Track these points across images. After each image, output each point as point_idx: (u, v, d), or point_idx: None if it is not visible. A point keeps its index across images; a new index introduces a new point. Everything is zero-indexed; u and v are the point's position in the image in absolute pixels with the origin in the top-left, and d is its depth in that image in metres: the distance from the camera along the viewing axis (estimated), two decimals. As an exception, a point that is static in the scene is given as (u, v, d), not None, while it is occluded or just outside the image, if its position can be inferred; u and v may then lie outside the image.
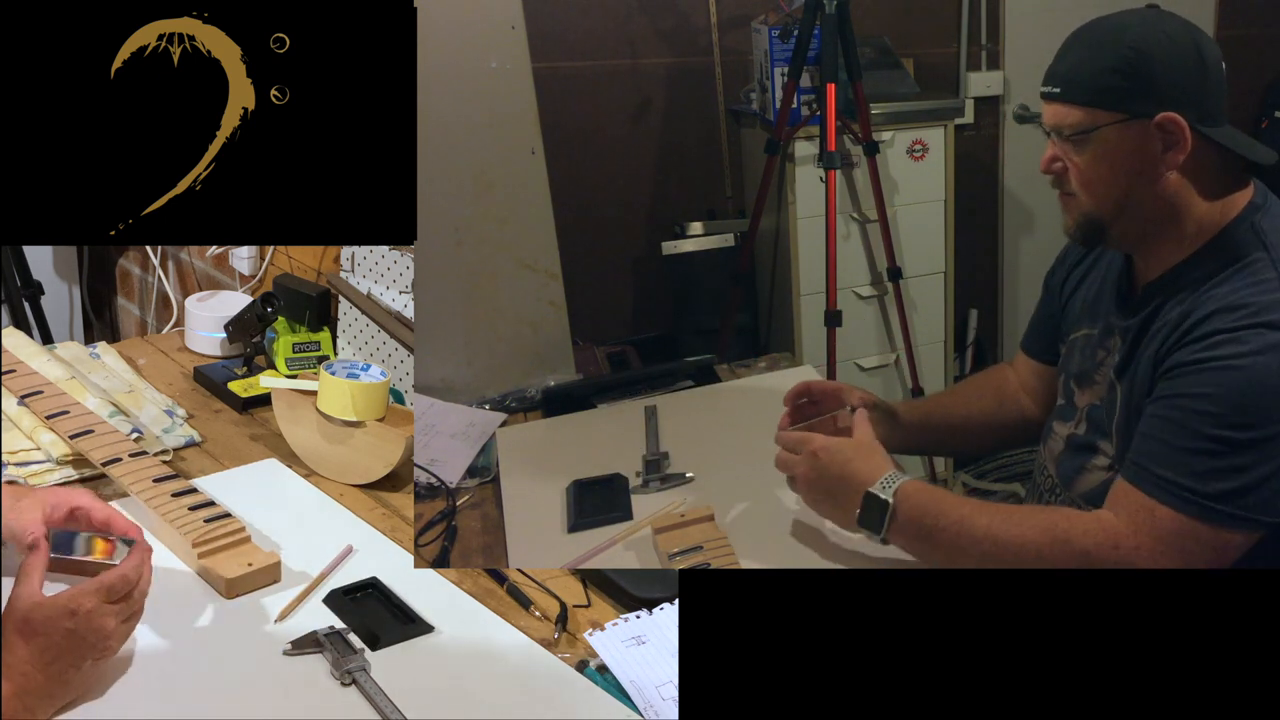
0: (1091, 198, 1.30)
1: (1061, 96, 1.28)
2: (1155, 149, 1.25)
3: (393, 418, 1.66)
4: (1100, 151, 1.27)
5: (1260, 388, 1.16)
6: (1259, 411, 1.16)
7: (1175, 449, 1.19)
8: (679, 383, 1.96)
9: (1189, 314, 1.25)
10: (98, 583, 1.16)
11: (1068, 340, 1.48)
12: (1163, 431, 1.21)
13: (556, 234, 2.02)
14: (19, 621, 1.12)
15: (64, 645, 1.13)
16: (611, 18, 3.09)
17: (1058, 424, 1.47)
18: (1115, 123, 1.25)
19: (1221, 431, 1.17)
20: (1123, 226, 1.31)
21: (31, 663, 1.11)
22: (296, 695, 1.21)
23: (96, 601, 1.15)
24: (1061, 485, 1.43)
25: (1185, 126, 1.24)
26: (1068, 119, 1.28)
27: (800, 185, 2.87)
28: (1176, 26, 1.26)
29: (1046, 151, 1.33)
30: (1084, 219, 1.32)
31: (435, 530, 1.57)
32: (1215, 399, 1.18)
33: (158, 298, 2.93)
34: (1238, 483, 1.16)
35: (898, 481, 1.30)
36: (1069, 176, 1.31)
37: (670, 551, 1.37)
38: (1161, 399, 1.24)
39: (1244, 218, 1.28)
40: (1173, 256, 1.31)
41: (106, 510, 1.33)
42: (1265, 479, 1.16)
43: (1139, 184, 1.28)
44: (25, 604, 1.13)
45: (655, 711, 1.20)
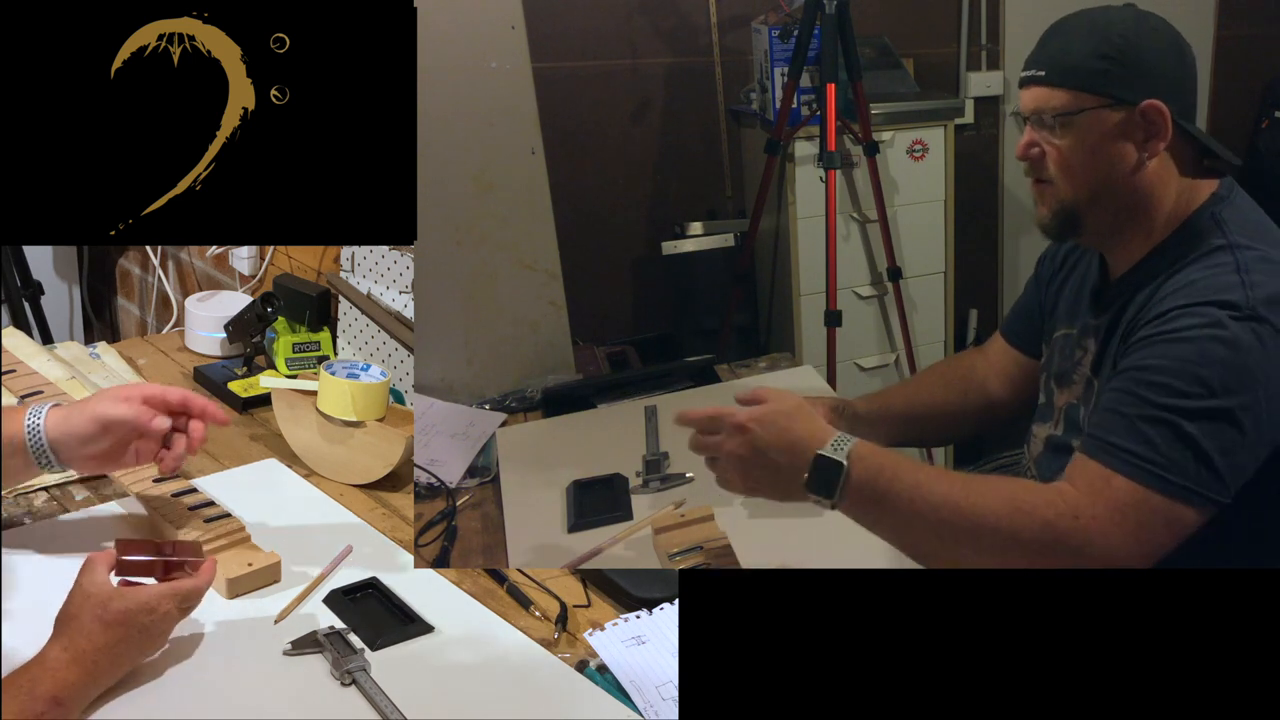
0: (1069, 183, 1.31)
1: (1045, 79, 1.29)
2: (1137, 137, 1.27)
3: (393, 418, 1.66)
4: (1082, 136, 1.28)
5: (1209, 359, 1.17)
6: (1208, 382, 1.16)
7: (1128, 418, 1.19)
8: (679, 383, 1.96)
9: (1149, 298, 1.26)
10: (175, 588, 1.22)
11: (1050, 340, 1.49)
12: (1116, 403, 1.21)
13: (556, 234, 2.02)
14: (100, 609, 1.16)
15: (137, 640, 1.18)
16: (611, 18, 3.09)
17: (1037, 426, 1.48)
18: (1100, 107, 1.26)
19: (1172, 400, 1.17)
20: (1097, 216, 1.32)
21: (104, 651, 1.15)
22: (296, 695, 1.21)
23: (173, 605, 1.21)
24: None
25: (1167, 115, 1.25)
26: (1051, 101, 1.29)
27: (800, 185, 2.87)
28: (1159, 22, 1.29)
29: (1024, 137, 1.33)
30: (1059, 207, 1.32)
31: (435, 530, 1.57)
32: (1165, 370, 1.18)
33: (158, 298, 2.93)
34: (1188, 452, 1.16)
35: (850, 443, 1.21)
36: (1046, 163, 1.31)
37: (670, 551, 1.37)
38: (1118, 373, 1.24)
39: (1206, 208, 1.29)
40: (1140, 249, 1.32)
41: (180, 392, 1.38)
42: (1214, 452, 1.16)
43: (1117, 171, 1.29)
44: (103, 592, 1.18)
45: (655, 711, 1.20)
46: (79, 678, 1.13)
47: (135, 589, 1.20)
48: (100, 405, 1.34)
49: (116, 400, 1.34)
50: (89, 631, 1.15)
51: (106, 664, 1.16)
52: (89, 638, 1.15)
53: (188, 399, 1.38)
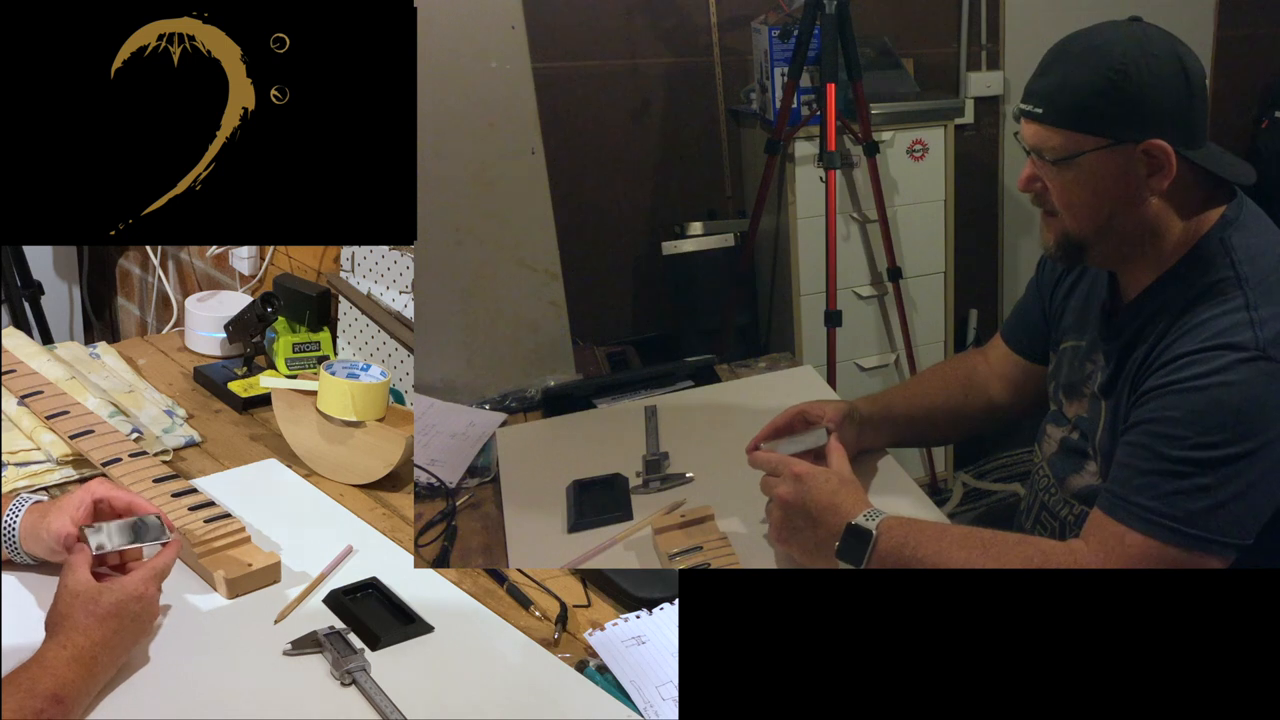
0: (1073, 220, 1.29)
1: (1043, 118, 1.25)
2: (1139, 174, 1.24)
3: (393, 418, 1.66)
4: (1083, 176, 1.25)
5: (1221, 406, 1.16)
6: (1222, 430, 1.16)
7: (1142, 473, 1.19)
8: (679, 383, 1.96)
9: (1160, 340, 1.25)
10: (151, 568, 1.26)
11: (1057, 349, 1.48)
12: (1131, 457, 1.22)
13: (556, 234, 2.02)
14: (91, 604, 1.19)
15: (131, 630, 1.22)
16: (611, 18, 3.09)
17: (1051, 427, 1.48)
18: (1099, 149, 1.23)
19: (1186, 453, 1.17)
20: (1103, 248, 1.31)
21: (102, 645, 1.17)
22: (296, 695, 1.21)
23: (156, 586, 1.26)
24: (1057, 484, 1.43)
25: (1171, 153, 1.22)
26: (1049, 142, 1.25)
27: (800, 185, 2.87)
28: (1161, 44, 1.23)
29: (1025, 170, 1.31)
30: (1065, 239, 1.31)
31: (435, 530, 1.57)
32: (1179, 421, 1.18)
33: (158, 298, 2.92)
34: (1204, 503, 1.16)
35: (880, 516, 1.29)
36: (1049, 197, 1.30)
37: (670, 551, 1.37)
38: (1132, 426, 1.24)
39: (1214, 233, 1.27)
40: (1149, 275, 1.31)
41: (126, 496, 1.37)
42: (1232, 498, 1.16)
43: (1121, 208, 1.26)
44: (90, 589, 1.20)
45: (655, 711, 1.20)
46: (79, 674, 1.14)
47: (119, 580, 1.23)
48: (58, 521, 1.31)
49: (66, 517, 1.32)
50: (84, 628, 1.17)
51: (105, 658, 1.17)
52: (85, 634, 1.16)
53: (131, 506, 1.36)
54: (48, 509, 1.34)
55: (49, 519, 1.32)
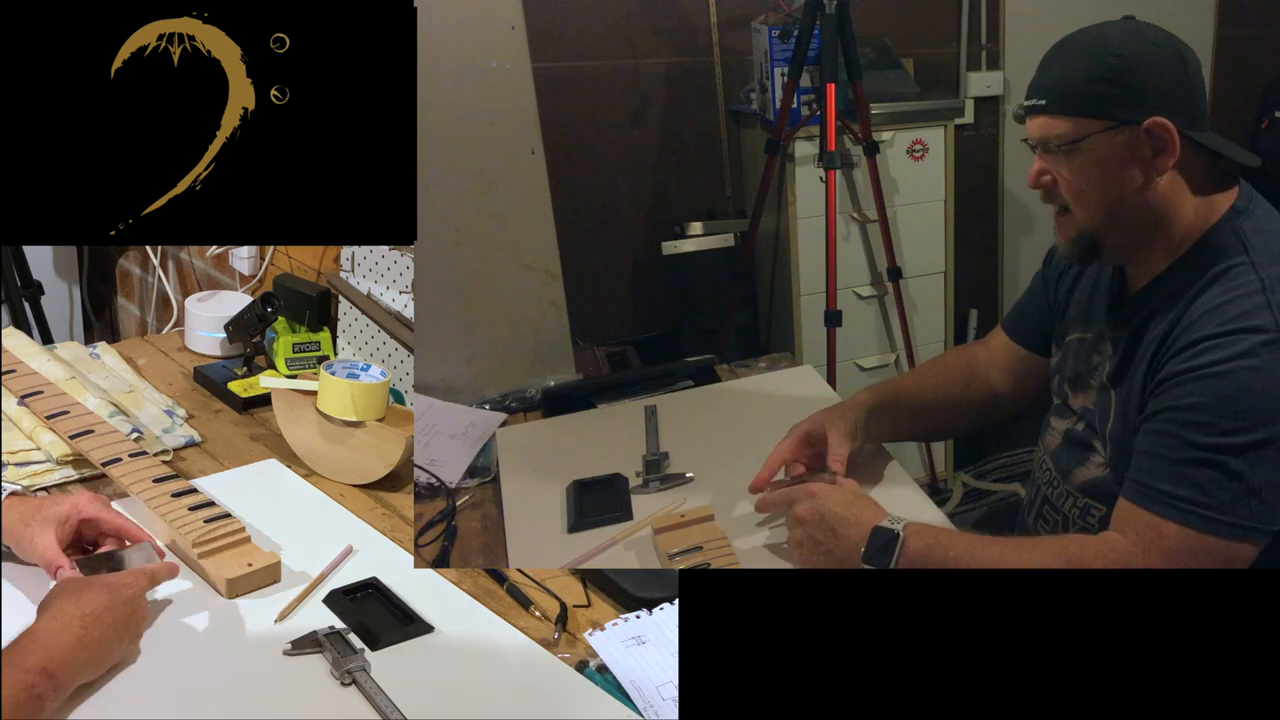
0: (1084, 210, 1.30)
1: (1047, 108, 1.28)
2: (1145, 155, 1.26)
3: (393, 418, 1.66)
4: (1089, 160, 1.27)
5: (1248, 391, 1.16)
6: (1249, 415, 1.16)
7: (1172, 462, 1.19)
8: (679, 383, 1.96)
9: (1175, 324, 1.25)
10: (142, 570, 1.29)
11: (1062, 342, 1.48)
12: (1159, 446, 1.22)
13: (556, 234, 2.02)
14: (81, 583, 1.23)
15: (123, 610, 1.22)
16: (611, 18, 3.09)
17: (1055, 419, 1.47)
18: (1104, 130, 1.25)
19: (1215, 439, 1.17)
20: (1115, 239, 1.31)
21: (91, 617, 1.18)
22: (296, 695, 1.21)
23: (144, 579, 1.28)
24: (1060, 477, 1.43)
25: (1174, 131, 1.24)
26: (1055, 130, 1.28)
27: (800, 185, 2.87)
28: (1157, 34, 1.27)
29: (1034, 166, 1.32)
30: (1078, 235, 1.32)
31: (435, 530, 1.57)
32: (1205, 408, 1.18)
33: (158, 298, 2.93)
34: (1237, 489, 1.16)
35: (903, 520, 1.30)
36: (1059, 190, 1.31)
37: (670, 551, 1.37)
38: (1155, 414, 1.24)
39: (1226, 221, 1.28)
40: (1160, 264, 1.31)
41: (116, 520, 1.38)
42: (1265, 484, 1.16)
43: (1129, 192, 1.27)
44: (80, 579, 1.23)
45: (655, 711, 1.20)
46: (68, 646, 1.13)
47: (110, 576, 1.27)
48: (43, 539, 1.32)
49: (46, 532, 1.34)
50: (75, 595, 1.19)
51: (95, 631, 1.17)
52: (76, 603, 1.18)
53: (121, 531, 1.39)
54: (30, 513, 1.34)
55: (32, 530, 1.32)
